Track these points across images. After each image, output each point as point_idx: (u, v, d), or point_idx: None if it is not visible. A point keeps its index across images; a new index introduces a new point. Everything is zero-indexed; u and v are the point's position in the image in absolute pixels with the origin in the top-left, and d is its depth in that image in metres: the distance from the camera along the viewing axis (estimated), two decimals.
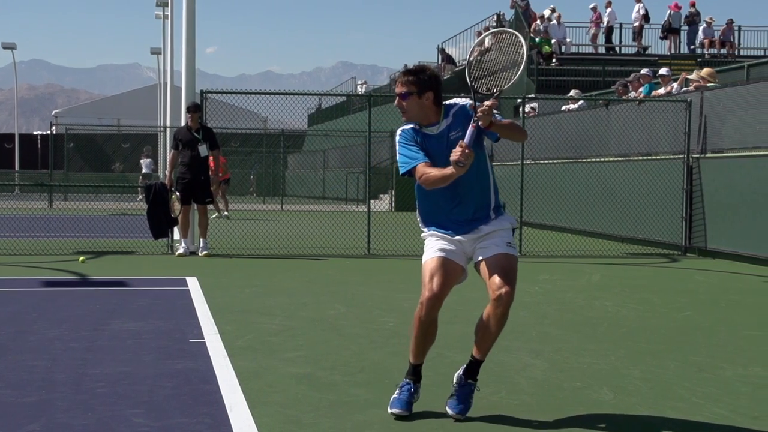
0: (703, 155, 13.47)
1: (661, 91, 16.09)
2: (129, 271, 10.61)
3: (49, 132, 34.96)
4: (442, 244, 4.46)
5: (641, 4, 28.91)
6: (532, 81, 25.10)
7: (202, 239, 12.51)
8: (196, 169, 12.42)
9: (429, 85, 4.38)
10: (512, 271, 4.35)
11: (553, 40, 27.25)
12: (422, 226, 4.62)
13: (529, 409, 4.62)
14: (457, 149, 4.18)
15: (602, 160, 16.17)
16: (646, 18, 28.97)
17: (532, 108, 20.09)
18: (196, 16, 13.36)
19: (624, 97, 16.57)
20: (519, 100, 16.95)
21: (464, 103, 4.44)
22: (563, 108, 19.09)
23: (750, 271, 11.34)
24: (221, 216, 20.62)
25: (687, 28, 28.91)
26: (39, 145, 46.60)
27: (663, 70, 16.80)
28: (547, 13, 28.01)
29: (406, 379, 4.52)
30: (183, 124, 12.94)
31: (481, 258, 4.42)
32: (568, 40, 28.66)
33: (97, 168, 39.47)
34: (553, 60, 26.69)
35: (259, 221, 18.76)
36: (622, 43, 29.93)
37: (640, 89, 16.73)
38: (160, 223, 12.34)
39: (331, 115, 43.66)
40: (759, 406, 4.79)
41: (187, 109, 12.62)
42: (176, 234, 12.79)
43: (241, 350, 5.95)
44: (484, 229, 4.45)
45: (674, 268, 12.03)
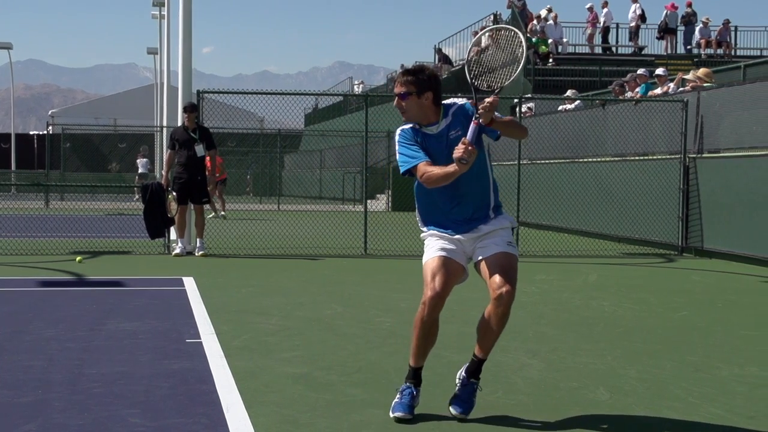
0: (699, 155, 13.48)
1: (658, 91, 16.11)
2: (125, 271, 10.60)
3: (46, 132, 34.96)
4: (443, 244, 4.45)
5: (638, 4, 28.92)
6: (528, 81, 25.10)
7: (198, 239, 12.50)
8: (193, 169, 12.42)
9: (428, 85, 4.38)
10: (512, 270, 4.35)
11: (550, 40, 27.25)
12: (422, 226, 4.61)
13: (525, 409, 4.62)
14: (460, 146, 4.17)
15: (599, 160, 16.19)
16: (642, 18, 28.97)
17: (529, 108, 20.09)
18: (192, 16, 13.38)
19: (621, 97, 16.58)
20: (516, 100, 16.96)
21: (463, 103, 4.45)
22: (560, 108, 19.09)
23: (746, 271, 11.36)
24: (218, 216, 20.60)
25: (683, 28, 28.91)
26: (35, 145, 46.55)
27: (659, 70, 16.82)
28: (543, 13, 28.00)
29: (406, 383, 4.50)
30: (180, 124, 12.93)
31: (481, 257, 4.42)
32: (565, 40, 28.66)
33: (94, 168, 39.49)
34: (550, 60, 26.68)
35: (255, 221, 18.73)
36: (618, 43, 29.93)
37: (637, 89, 16.75)
38: (157, 223, 12.35)
39: (328, 115, 43.65)
40: (755, 406, 4.80)
41: (184, 109, 12.61)
42: (173, 234, 12.78)
43: (238, 350, 5.95)
44: (484, 229, 4.45)
45: (671, 268, 12.05)
